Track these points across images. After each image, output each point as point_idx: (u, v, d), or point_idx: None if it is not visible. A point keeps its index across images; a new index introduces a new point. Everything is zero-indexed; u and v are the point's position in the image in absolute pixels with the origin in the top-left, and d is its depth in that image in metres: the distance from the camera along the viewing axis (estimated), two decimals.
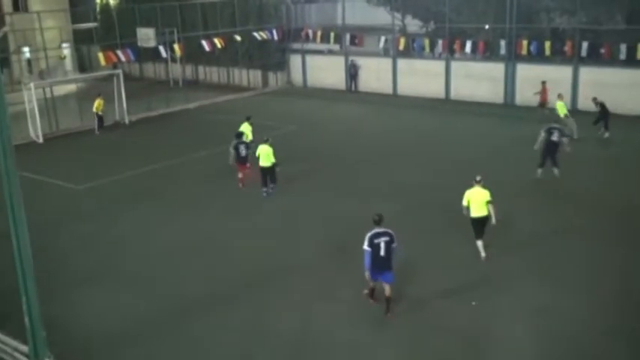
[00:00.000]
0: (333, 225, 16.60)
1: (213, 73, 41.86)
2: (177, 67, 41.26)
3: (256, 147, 19.31)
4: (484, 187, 14.00)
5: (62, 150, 27.13)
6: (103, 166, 23.92)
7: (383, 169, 21.60)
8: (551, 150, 18.72)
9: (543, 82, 28.08)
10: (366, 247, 11.71)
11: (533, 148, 19.25)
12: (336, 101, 34.86)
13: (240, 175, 19.98)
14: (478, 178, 14.01)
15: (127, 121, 31.13)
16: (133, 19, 38.95)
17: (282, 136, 26.29)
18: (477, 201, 13.83)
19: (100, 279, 14.49)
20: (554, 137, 18.67)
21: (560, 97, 24.76)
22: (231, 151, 20.01)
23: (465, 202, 13.95)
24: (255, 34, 37.64)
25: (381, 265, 11.77)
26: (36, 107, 27.86)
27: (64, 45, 43.37)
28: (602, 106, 23.91)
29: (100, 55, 32.22)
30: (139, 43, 38.05)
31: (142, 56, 38.69)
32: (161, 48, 35.19)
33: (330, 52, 38.78)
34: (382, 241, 11.70)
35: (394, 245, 11.82)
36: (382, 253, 11.69)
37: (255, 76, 40.49)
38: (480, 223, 14.01)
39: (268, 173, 19.15)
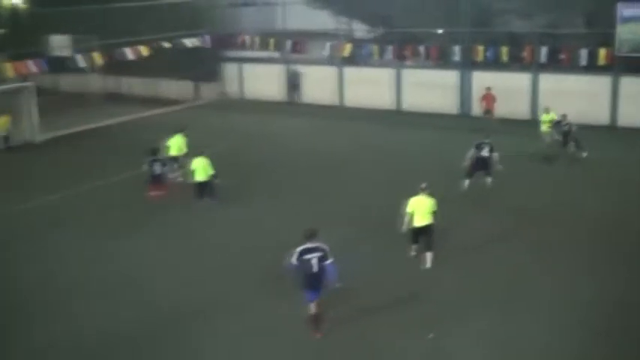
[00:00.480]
0: (265, 250, 15.72)
1: (138, 85, 40.51)
2: (97, 78, 39.72)
3: (189, 162, 19.12)
4: (429, 195, 14.49)
5: None
6: (6, 192, 22.39)
7: (325, 188, 21.10)
8: (479, 166, 19.04)
9: (487, 88, 28.22)
10: (293, 261, 11.62)
11: (462, 165, 19.37)
12: (277, 114, 34.15)
13: (152, 194, 20.00)
14: (423, 186, 14.46)
15: (37, 140, 29.45)
16: (45, 25, 37.28)
17: (216, 154, 25.27)
18: (420, 210, 14.30)
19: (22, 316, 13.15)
20: (484, 153, 18.92)
21: (546, 110, 24.51)
22: (146, 167, 19.94)
23: (408, 210, 14.34)
24: (186, 40, 36.59)
25: (312, 282, 11.73)
26: None
27: None
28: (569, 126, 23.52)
29: (7, 66, 30.54)
30: (53, 52, 36.47)
31: (58, 67, 37.06)
32: (78, 57, 33.71)
33: (270, 60, 38.07)
34: (314, 257, 11.61)
35: (328, 262, 11.65)
36: (314, 269, 11.64)
37: (185, 87, 39.38)
38: (420, 232, 14.59)
39: (205, 187, 19.04)
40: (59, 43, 35.61)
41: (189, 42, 36.63)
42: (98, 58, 34.12)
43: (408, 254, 15.19)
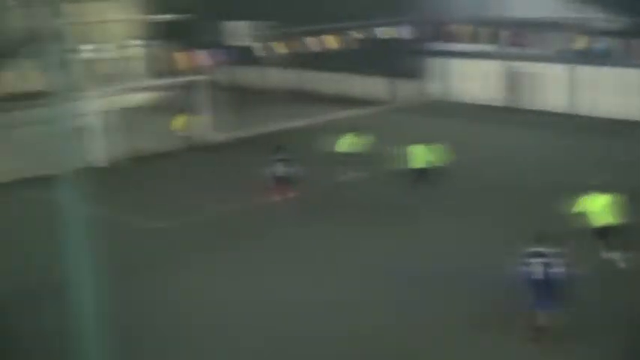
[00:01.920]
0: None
1: (324, 81, 41.88)
2: (278, 72, 41.58)
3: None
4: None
5: (130, 177, 27.46)
6: (181, 199, 23.96)
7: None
8: None
9: None
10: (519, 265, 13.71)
11: None
12: (490, 122, 33.86)
13: (277, 197, 21.99)
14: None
15: (213, 141, 31.42)
16: (221, 11, 39.67)
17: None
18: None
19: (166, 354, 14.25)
20: None
21: None
22: (268, 168, 21.85)
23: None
24: (380, 30, 37.41)
25: (537, 291, 13.51)
26: (98, 122, 28.48)
27: (135, 43, 44.89)
28: None
29: (180, 57, 32.82)
30: (229, 42, 38.65)
31: (234, 58, 39.29)
32: (257, 47, 35.47)
33: (482, 55, 38.02)
34: (539, 262, 13.41)
35: (557, 270, 13.26)
36: (539, 276, 13.39)
37: (380, 85, 40.17)
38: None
39: (422, 176, 22.45)
40: (236, 31, 37.63)
41: (385, 32, 37.38)
42: (280, 48, 35.77)
43: None
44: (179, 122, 29.78)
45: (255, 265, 18.46)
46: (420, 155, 23.08)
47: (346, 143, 24.94)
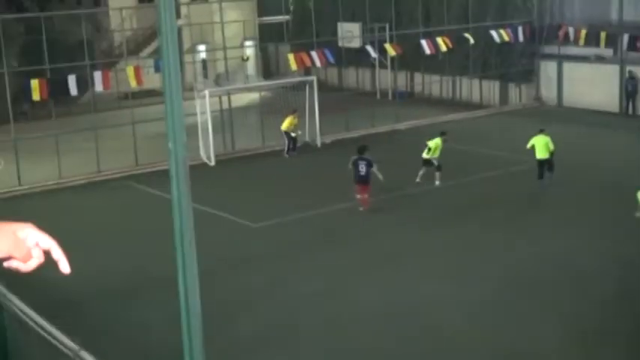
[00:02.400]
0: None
1: (434, 84, 41.89)
2: (388, 74, 41.78)
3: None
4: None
5: (238, 176, 28.32)
6: (287, 199, 24.51)
7: None
8: None
9: None
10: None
11: None
12: (605, 129, 33.06)
13: (358, 197, 22.89)
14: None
15: (319, 142, 31.87)
16: (333, 12, 40.15)
17: (523, 173, 25.86)
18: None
19: (272, 350, 14.63)
20: None
21: None
22: (350, 167, 22.82)
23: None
24: (494, 32, 37.13)
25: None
26: (209, 120, 29.34)
27: (248, 43, 45.87)
28: None
29: (291, 57, 33.41)
30: (340, 43, 39.09)
31: (343, 59, 39.72)
32: (369, 48, 35.80)
33: (599, 60, 37.21)
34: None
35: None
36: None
37: (491, 89, 39.85)
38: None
39: (545, 164, 23.86)
40: (348, 32, 38.10)
41: (498, 35, 37.11)
42: (392, 50, 35.98)
43: None
44: (288, 122, 30.26)
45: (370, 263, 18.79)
46: (542, 145, 23.89)
47: (431, 146, 25.09)
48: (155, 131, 26.29)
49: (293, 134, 30.49)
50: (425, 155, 25.11)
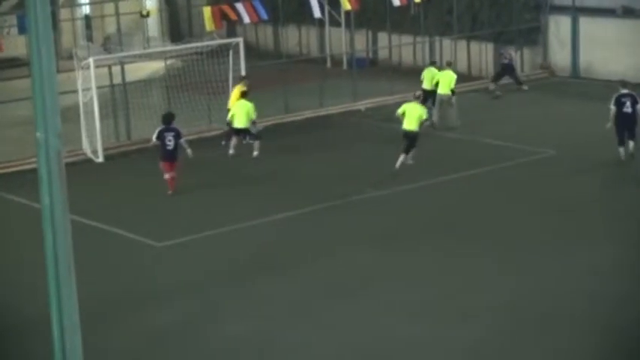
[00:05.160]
0: None
1: (405, 48, 42.05)
2: (342, 34, 41.84)
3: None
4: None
5: (135, 176, 28.07)
6: (202, 207, 24.50)
7: None
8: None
9: None
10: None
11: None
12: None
13: (166, 177, 25.24)
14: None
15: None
16: None
17: (530, 164, 26.45)
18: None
19: None
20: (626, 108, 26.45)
21: None
22: (154, 140, 25.42)
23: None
24: None
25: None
26: (95, 100, 28.98)
27: None
28: None
29: (207, 12, 33.16)
30: None
31: (280, 14, 39.65)
32: (312, 0, 35.73)
33: (628, 13, 37.70)
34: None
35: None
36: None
37: (482, 54, 40.29)
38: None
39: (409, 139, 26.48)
40: None
41: None
42: (347, 4, 35.88)
43: None
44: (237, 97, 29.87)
45: None
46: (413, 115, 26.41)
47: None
48: (19, 116, 26.14)
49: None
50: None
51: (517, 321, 17.18)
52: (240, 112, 28.10)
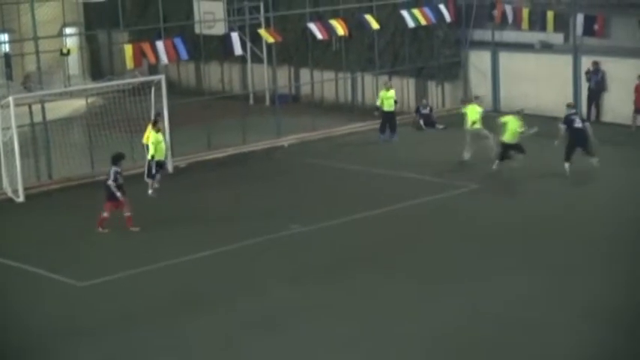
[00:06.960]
0: None
1: (327, 84, 42.23)
2: (264, 70, 41.99)
3: None
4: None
5: (57, 215, 27.95)
6: (125, 245, 24.46)
7: None
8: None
9: None
10: None
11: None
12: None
13: (104, 215, 25.35)
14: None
15: (170, 167, 31.64)
16: None
17: (454, 199, 26.99)
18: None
19: None
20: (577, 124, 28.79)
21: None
22: (110, 184, 25.19)
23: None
24: (406, 13, 37.76)
25: None
26: (16, 139, 28.75)
27: (69, 31, 45.30)
28: None
29: (128, 50, 33.16)
30: (198, 29, 39.06)
31: (202, 52, 39.76)
32: (234, 36, 35.80)
33: (546, 48, 38.22)
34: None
35: None
36: None
37: (404, 89, 40.43)
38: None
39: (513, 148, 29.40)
40: (208, 14, 38.07)
41: (411, 16, 37.58)
42: (269, 37, 36.04)
43: None
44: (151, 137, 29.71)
45: None
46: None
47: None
48: None
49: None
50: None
51: (444, 350, 17.38)
52: (162, 146, 28.74)
